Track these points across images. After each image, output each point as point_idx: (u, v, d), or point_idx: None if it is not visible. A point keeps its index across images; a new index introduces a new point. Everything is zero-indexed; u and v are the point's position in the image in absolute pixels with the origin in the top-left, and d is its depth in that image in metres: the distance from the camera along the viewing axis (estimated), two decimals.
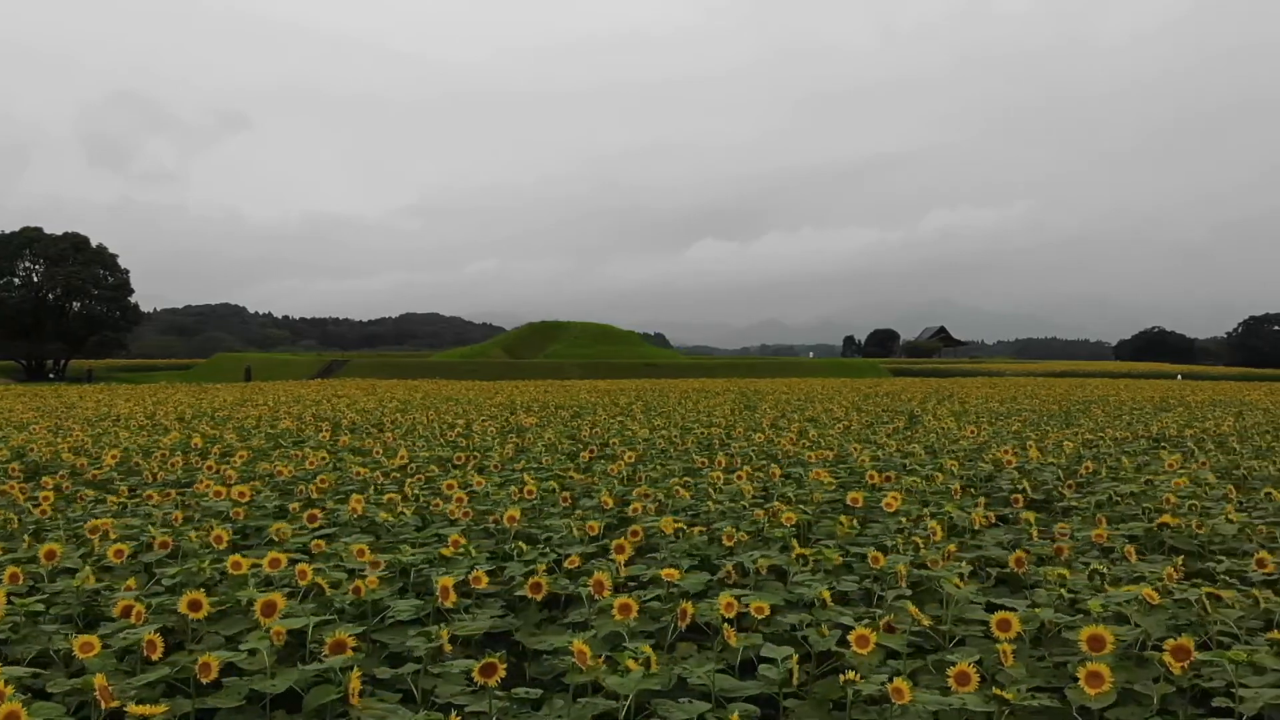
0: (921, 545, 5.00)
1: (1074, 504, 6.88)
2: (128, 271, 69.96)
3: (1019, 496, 6.96)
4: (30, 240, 64.92)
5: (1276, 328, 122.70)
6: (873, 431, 12.92)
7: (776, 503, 6.37)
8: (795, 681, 3.15)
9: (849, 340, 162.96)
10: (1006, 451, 9.50)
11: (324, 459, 9.46)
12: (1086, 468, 8.68)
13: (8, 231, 65.34)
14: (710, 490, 6.92)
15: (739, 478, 7.51)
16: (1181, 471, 8.44)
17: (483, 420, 14.30)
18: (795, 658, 3.20)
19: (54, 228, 66.80)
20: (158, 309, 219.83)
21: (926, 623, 3.57)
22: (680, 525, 5.49)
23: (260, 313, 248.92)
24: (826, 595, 4.07)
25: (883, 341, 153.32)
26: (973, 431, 12.83)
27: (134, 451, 9.96)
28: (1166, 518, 5.63)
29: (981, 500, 6.96)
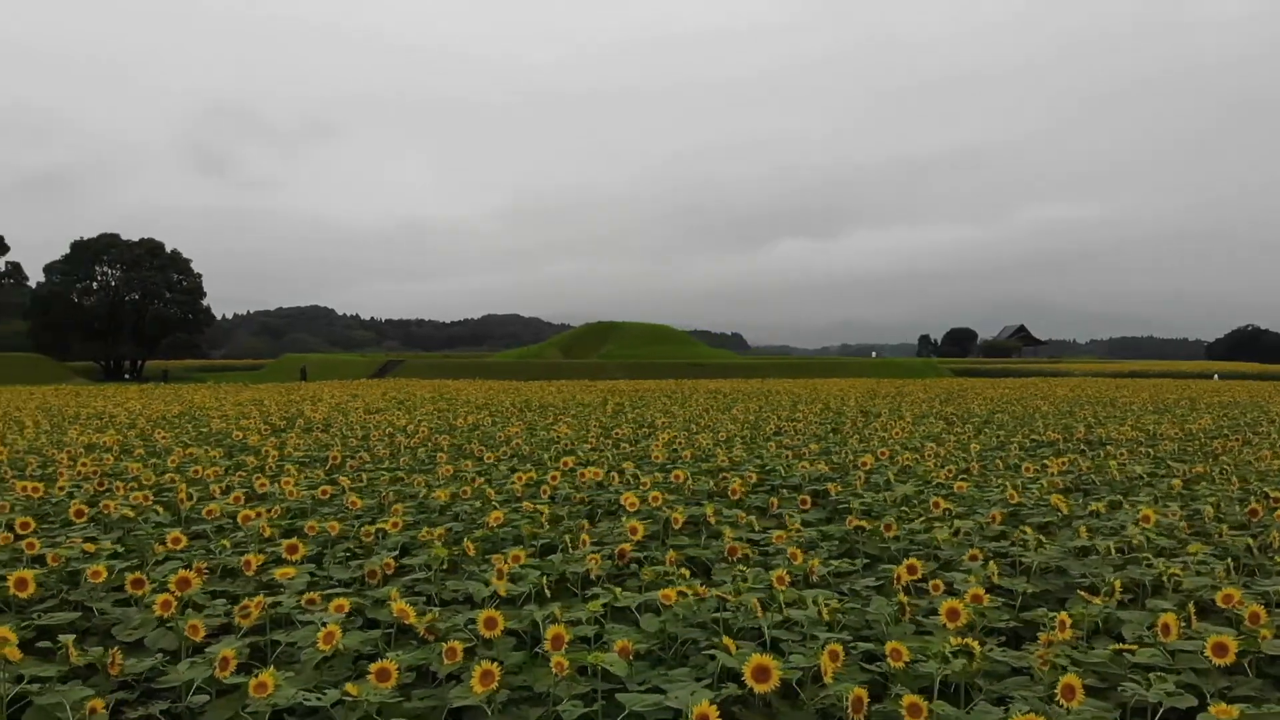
0: (570, 545, 5.04)
1: (847, 504, 6.78)
2: (201, 275, 72.82)
3: (806, 498, 6.90)
4: (108, 246, 68.08)
5: None
6: (789, 435, 12.82)
7: (526, 503, 6.47)
8: (221, 674, 3.27)
9: (924, 340, 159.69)
10: (871, 457, 9.37)
11: (213, 457, 9.85)
12: (948, 471, 8.54)
13: (86, 238, 68.66)
14: (490, 491, 7.04)
15: (553, 478, 7.60)
16: (1035, 478, 8.25)
17: (418, 422, 14.60)
18: (232, 652, 3.32)
19: (156, 236, 69.97)
20: (251, 311, 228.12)
21: (412, 620, 3.65)
22: (383, 526, 5.64)
23: (348, 314, 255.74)
24: (395, 594, 4.17)
25: (960, 341, 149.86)
26: (900, 432, 12.65)
27: (43, 446, 10.51)
28: (860, 521, 5.56)
29: (774, 501, 6.94)
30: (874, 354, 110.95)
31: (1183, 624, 3.76)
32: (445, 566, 4.80)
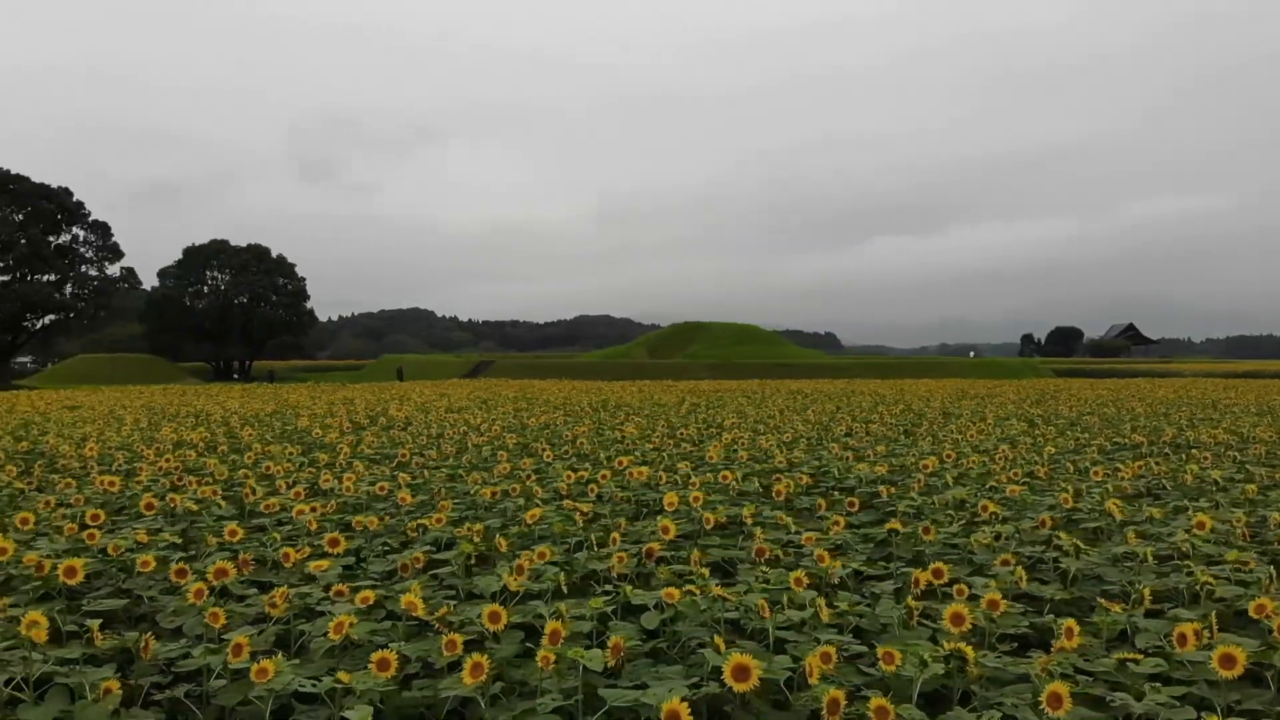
0: (597, 543, 5.11)
1: (894, 507, 6.70)
2: (304, 279, 75.54)
3: (855, 500, 6.83)
4: (217, 251, 71.20)
5: None
6: (858, 437, 12.69)
7: (568, 501, 6.58)
8: (234, 660, 3.44)
9: (1026, 339, 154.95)
10: (935, 460, 9.21)
11: (290, 453, 10.26)
12: (1012, 475, 8.35)
13: (198, 244, 71.95)
14: (538, 489, 7.21)
15: (602, 477, 7.72)
16: (1103, 481, 8.00)
17: (491, 421, 14.89)
18: (245, 639, 3.50)
19: (266, 241, 73.18)
20: (355, 313, 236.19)
21: (420, 613, 3.77)
22: (423, 522, 5.82)
23: (446, 316, 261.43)
24: (417, 587, 4.31)
25: (1065, 340, 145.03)
26: (976, 434, 12.38)
27: (134, 442, 11.10)
28: (895, 524, 5.49)
29: (821, 503, 6.90)
30: (971, 353, 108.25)
31: (1205, 634, 3.63)
32: (474, 561, 4.93)
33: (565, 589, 4.44)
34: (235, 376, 70.24)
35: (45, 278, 57.30)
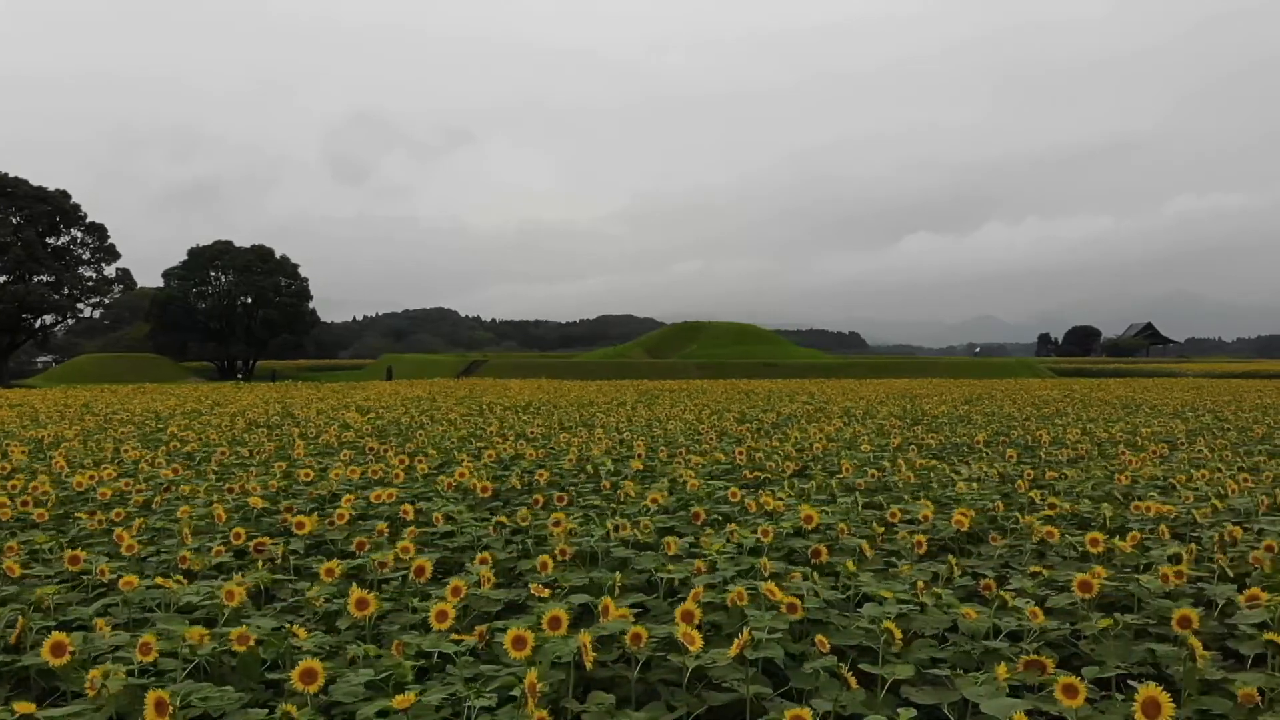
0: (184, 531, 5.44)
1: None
2: (307, 280, 76.61)
3: (565, 494, 7.11)
4: (220, 252, 72.40)
5: None
6: (711, 437, 12.98)
7: (289, 501, 6.93)
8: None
9: (1044, 339, 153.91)
10: (702, 457, 9.46)
11: (122, 451, 10.68)
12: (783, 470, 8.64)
13: (202, 244, 73.28)
14: (264, 484, 7.55)
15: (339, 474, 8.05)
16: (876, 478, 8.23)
17: (370, 421, 15.28)
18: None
19: (299, 243, 74.44)
20: (380, 314, 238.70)
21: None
22: (94, 515, 6.19)
23: (470, 316, 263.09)
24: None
25: (1081, 340, 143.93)
26: (823, 431, 12.60)
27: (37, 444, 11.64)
28: (525, 512, 5.81)
29: (539, 499, 7.18)
30: (977, 350, 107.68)
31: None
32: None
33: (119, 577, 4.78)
34: (239, 376, 71.30)
35: (41, 279, 58.71)
